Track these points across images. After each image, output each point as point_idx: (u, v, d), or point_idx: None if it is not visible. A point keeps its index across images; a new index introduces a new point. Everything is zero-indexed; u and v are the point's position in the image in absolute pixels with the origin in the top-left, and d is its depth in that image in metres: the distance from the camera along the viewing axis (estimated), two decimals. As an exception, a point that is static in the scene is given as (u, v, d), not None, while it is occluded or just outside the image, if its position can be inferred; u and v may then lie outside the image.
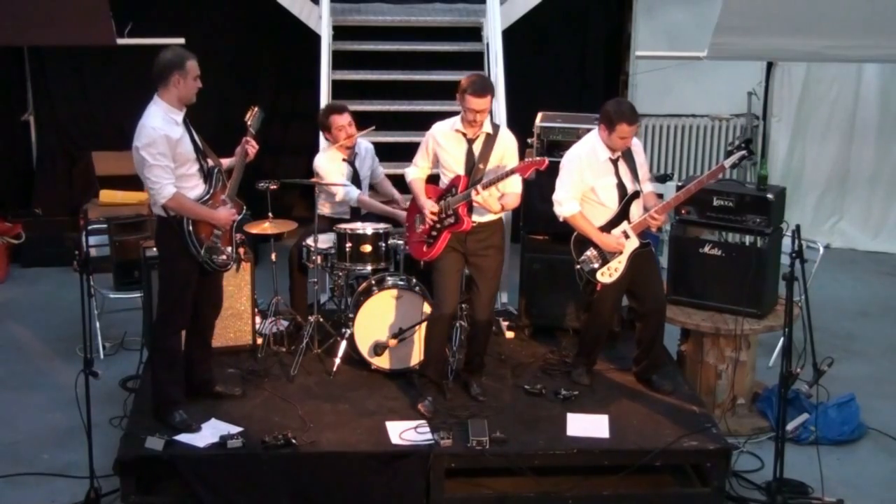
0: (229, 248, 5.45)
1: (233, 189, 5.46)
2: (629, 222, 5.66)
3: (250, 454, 5.16)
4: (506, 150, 5.62)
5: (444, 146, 5.62)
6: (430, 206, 5.61)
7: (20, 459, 5.66)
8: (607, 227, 5.66)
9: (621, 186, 5.65)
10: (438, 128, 5.68)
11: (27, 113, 9.24)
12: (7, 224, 8.68)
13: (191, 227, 5.26)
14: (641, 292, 5.83)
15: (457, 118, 5.60)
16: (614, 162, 5.64)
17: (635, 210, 5.69)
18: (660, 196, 6.03)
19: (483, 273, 5.64)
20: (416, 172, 5.77)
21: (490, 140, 5.58)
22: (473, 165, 5.56)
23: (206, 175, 5.34)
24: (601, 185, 5.64)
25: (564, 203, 5.65)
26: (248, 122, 5.53)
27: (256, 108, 5.57)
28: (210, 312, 5.65)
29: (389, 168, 7.11)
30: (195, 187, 5.31)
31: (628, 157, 5.68)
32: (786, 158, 9.51)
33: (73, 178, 9.28)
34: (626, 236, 5.65)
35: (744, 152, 5.64)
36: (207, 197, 5.34)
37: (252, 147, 5.48)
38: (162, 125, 5.15)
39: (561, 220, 5.68)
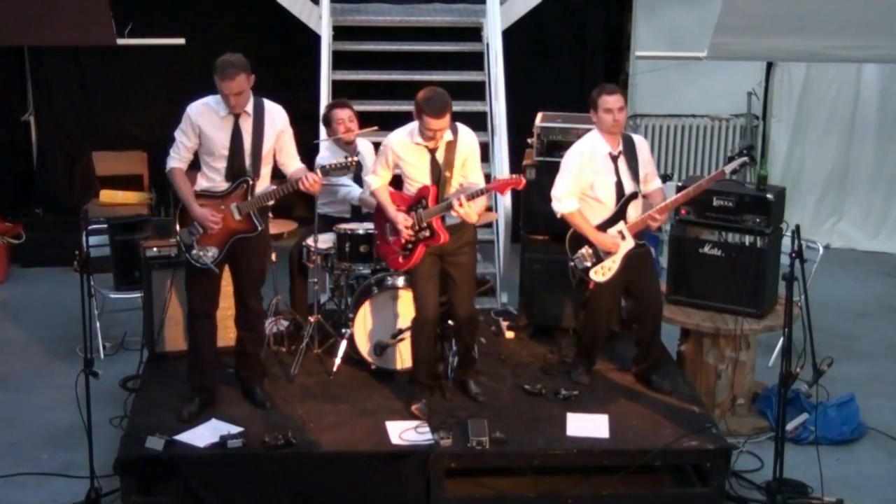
0: (212, 251, 5.39)
1: (252, 203, 5.38)
2: (626, 223, 5.66)
3: (250, 454, 5.16)
4: (469, 151, 5.53)
5: (405, 158, 5.49)
6: (403, 220, 5.49)
7: (20, 459, 5.67)
8: (603, 227, 5.66)
9: (620, 185, 5.65)
10: (397, 139, 5.50)
11: (27, 113, 9.24)
12: (7, 224, 8.68)
13: (181, 209, 5.44)
14: (638, 292, 5.84)
15: (413, 128, 5.45)
16: (615, 159, 5.64)
17: (633, 211, 5.69)
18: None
19: (461, 269, 5.60)
20: (378, 181, 5.60)
21: (451, 146, 5.46)
22: (440, 174, 5.47)
23: (232, 177, 5.37)
24: (600, 182, 5.63)
25: (563, 199, 5.64)
26: (328, 165, 5.44)
27: (350, 161, 5.46)
28: (239, 283, 5.58)
29: (389, 168, 7.11)
30: (213, 179, 5.40)
31: (631, 156, 5.67)
32: (786, 158, 9.51)
33: (73, 178, 9.28)
34: (623, 237, 5.65)
35: (745, 159, 5.64)
36: (218, 194, 5.37)
37: (311, 181, 5.31)
38: (197, 107, 5.36)
39: (558, 216, 5.68)
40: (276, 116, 5.46)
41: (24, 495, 5.36)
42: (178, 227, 5.46)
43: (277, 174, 5.58)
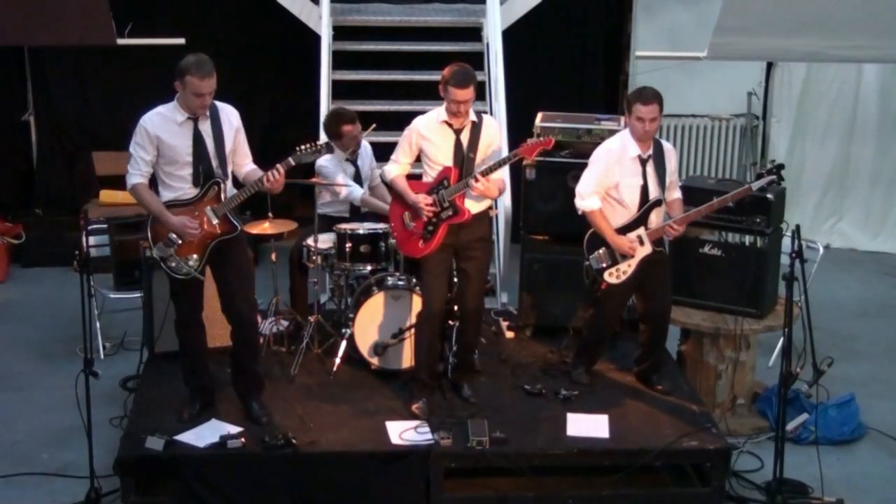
0: (193, 258, 5.29)
1: (226, 204, 5.27)
2: (646, 228, 5.64)
3: (250, 454, 5.16)
4: (493, 137, 5.58)
5: (430, 139, 5.52)
6: (424, 199, 5.51)
7: (20, 459, 5.67)
8: (624, 230, 5.63)
9: (645, 190, 5.60)
10: (422, 121, 5.57)
11: (27, 113, 9.24)
12: (7, 224, 8.68)
13: (150, 222, 5.32)
14: (649, 295, 5.81)
15: (440, 110, 5.52)
16: (643, 162, 5.60)
17: (654, 218, 5.65)
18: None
19: (476, 264, 5.60)
20: (397, 169, 5.63)
21: (476, 128, 5.51)
22: (463, 156, 5.49)
23: (200, 181, 5.26)
24: (626, 183, 5.60)
25: (586, 197, 5.61)
26: (298, 151, 5.25)
27: (319, 145, 5.29)
28: (228, 291, 5.40)
29: (389, 168, 7.11)
30: (179, 188, 5.28)
31: (659, 162, 5.62)
32: (786, 158, 9.48)
33: (74, 178, 9.28)
34: (641, 242, 5.63)
35: (773, 178, 5.66)
36: (188, 201, 5.27)
37: (273, 178, 5.16)
38: (151, 118, 5.24)
39: (579, 213, 5.65)
40: (231, 115, 5.34)
41: (24, 495, 5.36)
42: (151, 243, 5.29)
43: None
